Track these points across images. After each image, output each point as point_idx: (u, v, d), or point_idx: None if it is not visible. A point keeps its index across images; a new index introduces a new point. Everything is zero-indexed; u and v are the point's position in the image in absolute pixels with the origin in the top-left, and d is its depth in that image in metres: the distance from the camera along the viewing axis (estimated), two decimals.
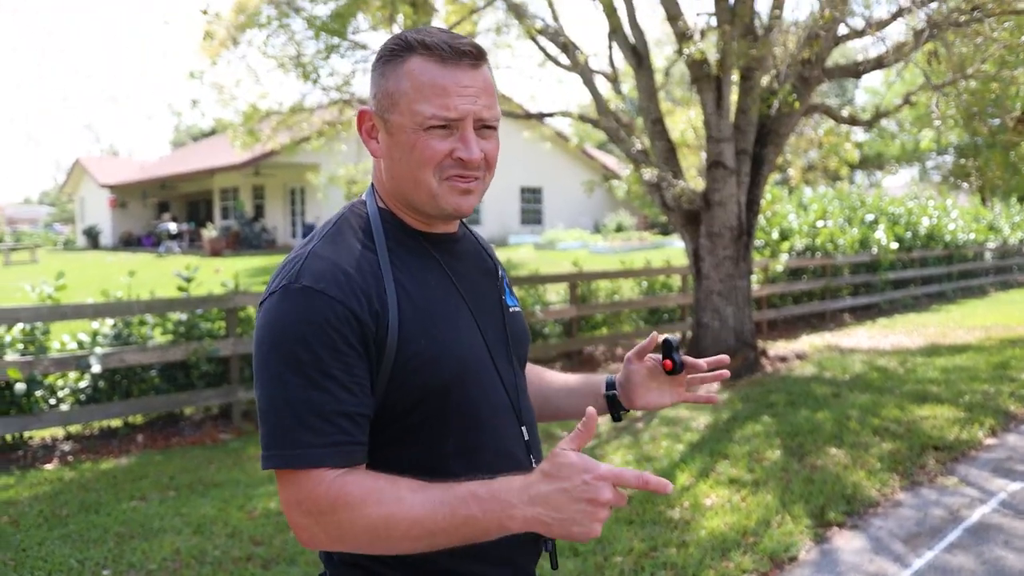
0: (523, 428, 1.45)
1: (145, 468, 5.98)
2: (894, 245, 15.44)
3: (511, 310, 1.54)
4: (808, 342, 10.97)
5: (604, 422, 6.86)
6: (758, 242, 13.19)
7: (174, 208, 34.83)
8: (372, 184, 1.47)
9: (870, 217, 16.60)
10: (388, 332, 1.28)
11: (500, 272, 1.57)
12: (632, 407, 1.65)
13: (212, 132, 34.03)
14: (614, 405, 1.66)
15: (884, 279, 15.10)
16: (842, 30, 7.92)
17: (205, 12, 9.45)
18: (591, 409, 1.19)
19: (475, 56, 1.34)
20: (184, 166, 30.28)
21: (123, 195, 34.45)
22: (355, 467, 1.26)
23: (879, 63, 7.93)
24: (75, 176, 39.49)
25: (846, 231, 14.99)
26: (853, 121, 9.83)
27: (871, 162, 34.96)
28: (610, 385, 1.67)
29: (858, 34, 7.81)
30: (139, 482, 5.60)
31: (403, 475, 1.26)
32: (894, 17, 7.28)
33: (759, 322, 11.93)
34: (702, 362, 1.56)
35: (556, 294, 10.99)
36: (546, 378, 1.77)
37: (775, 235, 13.46)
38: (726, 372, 1.61)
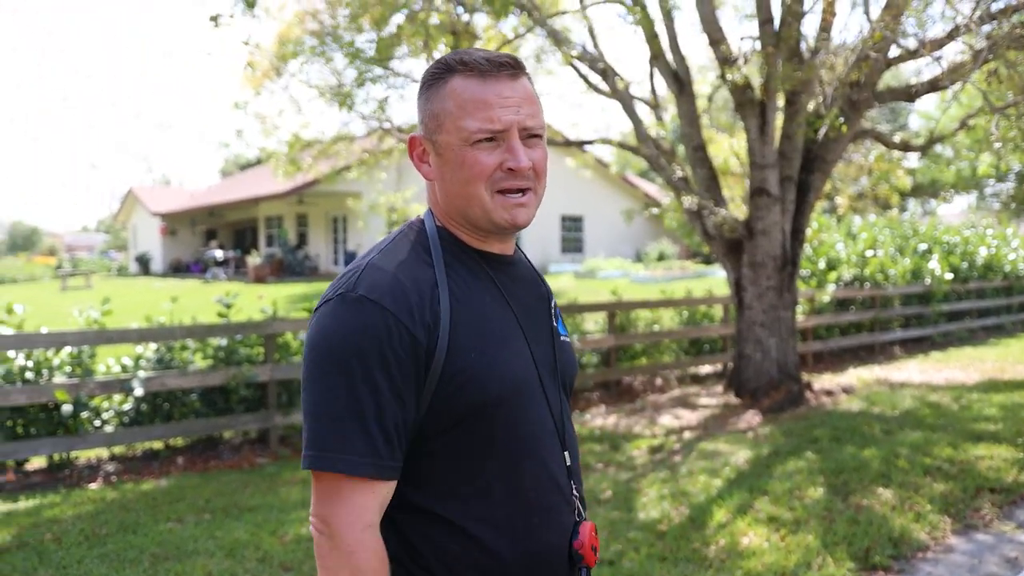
0: (566, 453, 1.45)
1: (183, 490, 6.02)
2: (948, 275, 14.98)
3: (561, 338, 1.55)
4: (856, 375, 10.71)
5: (641, 455, 6.74)
6: (804, 272, 12.97)
7: (221, 235, 35.42)
8: (429, 208, 1.50)
9: (923, 247, 16.17)
10: (438, 345, 1.30)
11: (552, 299, 1.59)
12: None
13: (258, 161, 34.59)
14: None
15: (937, 311, 14.65)
16: (894, 51, 7.66)
17: (247, 43, 9.62)
18: None
19: (513, 67, 1.38)
20: (231, 195, 30.82)
21: (173, 223, 35.16)
22: (385, 483, 1.29)
23: (934, 85, 7.65)
24: (128, 205, 40.45)
25: (897, 261, 14.61)
26: (905, 147, 9.54)
27: (925, 189, 34.14)
28: None
29: (911, 55, 7.48)
30: (176, 504, 5.63)
31: (446, 494, 1.34)
32: (950, 36, 6.97)
33: (804, 354, 11.70)
34: None
35: (594, 323, 10.90)
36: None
37: (822, 265, 13.20)
38: None
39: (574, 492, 1.45)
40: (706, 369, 11.28)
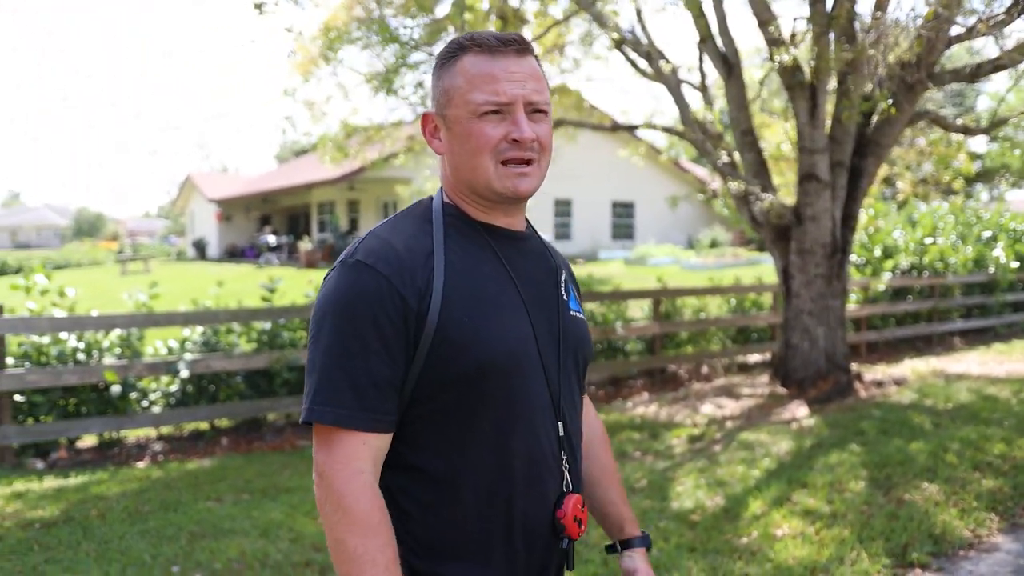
0: (560, 424, 1.48)
1: (225, 470, 6.13)
2: (1014, 264, 14.48)
3: (572, 314, 1.58)
4: (911, 367, 10.41)
5: (679, 444, 6.67)
6: (858, 260, 12.65)
7: (275, 221, 35.93)
8: (441, 186, 1.56)
9: (987, 234, 15.61)
10: (430, 310, 1.35)
11: (563, 275, 1.62)
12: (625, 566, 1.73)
13: (312, 148, 35.03)
14: (613, 550, 1.75)
15: (1001, 301, 14.12)
16: (955, 30, 7.26)
17: (289, 30, 9.70)
18: None
19: (520, 44, 1.44)
20: (284, 181, 31.21)
21: (228, 209, 35.76)
22: (381, 435, 1.36)
23: (997, 65, 7.24)
24: (186, 191, 41.25)
25: (959, 249, 14.10)
26: (965, 130, 9.06)
27: (994, 174, 32.84)
28: (622, 545, 1.73)
29: (968, 33, 7.04)
30: (217, 484, 5.74)
31: (436, 454, 1.39)
32: (1009, 13, 6.55)
33: (857, 344, 11.45)
34: None
35: (640, 310, 10.80)
36: (606, 459, 1.80)
37: (878, 252, 12.84)
38: None
39: (564, 464, 1.49)
40: (754, 358, 11.12)
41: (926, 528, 4.37)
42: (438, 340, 1.35)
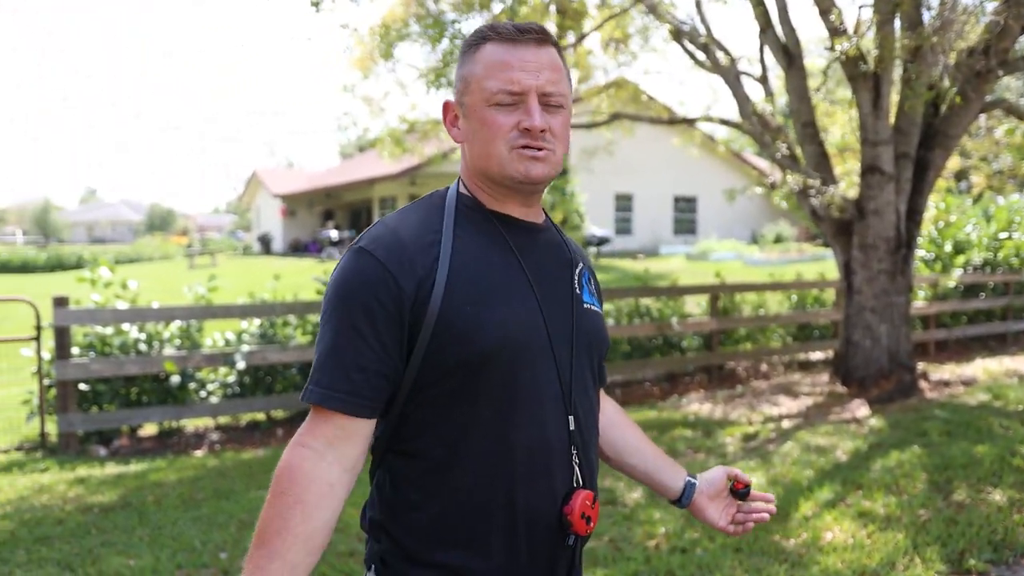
0: (570, 418, 1.46)
1: (277, 461, 6.19)
2: None
3: (586, 307, 1.56)
4: (982, 366, 10.04)
5: (733, 442, 6.55)
6: (927, 255, 12.26)
7: (338, 216, 36.43)
8: (459, 176, 1.57)
9: None
10: (431, 298, 1.35)
11: (580, 267, 1.60)
12: (695, 512, 1.76)
13: (372, 144, 35.45)
14: (682, 501, 1.75)
15: None
16: None
17: (345, 27, 9.79)
18: None
19: (538, 34, 1.44)
20: (347, 176, 31.60)
21: (292, 204, 36.37)
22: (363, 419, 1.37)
23: None
24: (252, 187, 42.09)
25: None
26: None
27: None
28: (686, 493, 1.74)
29: None
30: (269, 473, 5.71)
31: (437, 441, 1.39)
32: None
33: (925, 342, 11.10)
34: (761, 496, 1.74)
35: (698, 306, 10.64)
36: (631, 432, 1.80)
37: (948, 248, 12.42)
38: (766, 515, 1.74)
39: (575, 459, 1.46)
40: (816, 356, 10.87)
41: (986, 534, 4.19)
42: (440, 327, 1.35)
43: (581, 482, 1.47)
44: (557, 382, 1.44)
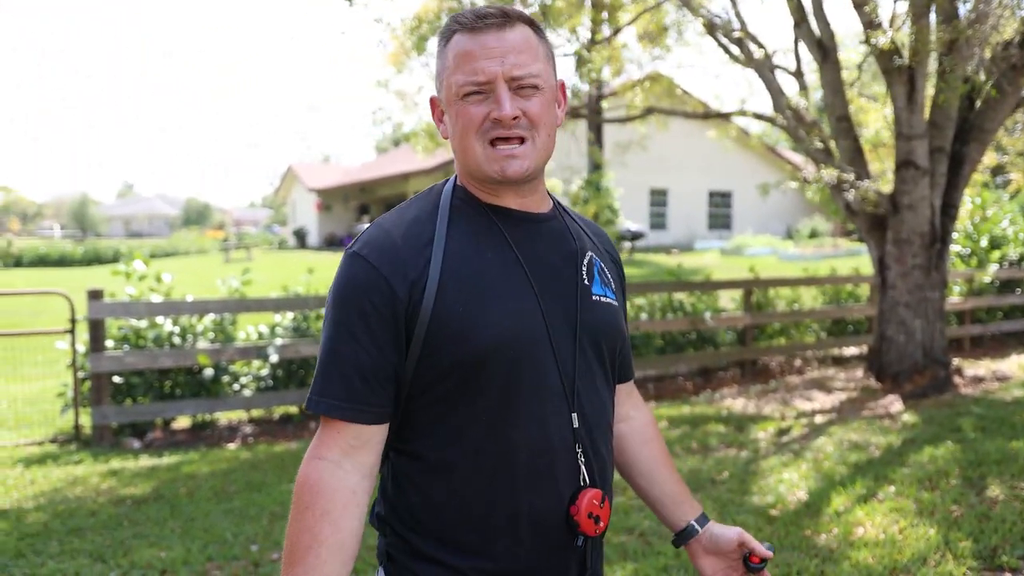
0: (574, 415, 1.41)
1: None
2: None
3: (595, 298, 1.49)
4: (1017, 362, 9.89)
5: (766, 437, 6.50)
6: (963, 250, 12.07)
7: (373, 210, 36.63)
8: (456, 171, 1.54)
9: None
10: (423, 299, 1.33)
11: (588, 256, 1.52)
12: (692, 558, 1.65)
13: (406, 138, 35.59)
14: (681, 539, 1.66)
15: None
16: None
17: (379, 21, 9.84)
18: None
19: (499, 17, 1.37)
20: (381, 171, 31.80)
21: (327, 198, 36.64)
22: (368, 429, 1.36)
23: None
24: (288, 181, 42.48)
25: None
26: None
27: None
28: (687, 533, 1.64)
29: None
30: None
31: (436, 442, 1.37)
32: None
33: (960, 338, 10.95)
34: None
35: (731, 301, 10.57)
36: (650, 450, 1.72)
37: (984, 243, 12.23)
38: None
39: (580, 457, 1.41)
40: (850, 351, 10.76)
41: (1019, 531, 4.11)
42: (433, 329, 1.34)
43: (588, 481, 1.42)
44: (559, 379, 1.40)
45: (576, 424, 1.41)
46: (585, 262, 1.51)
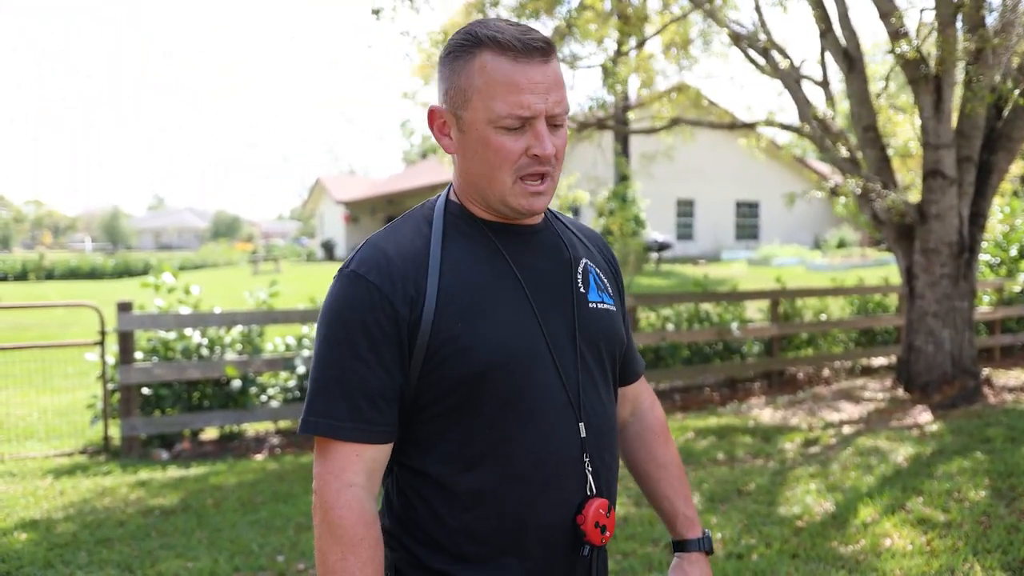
0: (581, 425, 1.41)
1: None
2: None
3: (593, 305, 1.49)
4: None
5: (792, 448, 6.45)
6: (993, 260, 11.93)
7: None
8: (450, 185, 1.51)
9: None
10: (423, 317, 1.33)
11: (583, 264, 1.52)
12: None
13: (433, 150, 35.76)
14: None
15: None
16: None
17: (406, 34, 9.92)
18: None
19: (545, 50, 1.33)
20: (408, 183, 31.98)
21: (355, 211, 36.89)
22: (374, 449, 1.35)
23: None
24: (316, 194, 42.83)
25: None
26: None
27: None
28: (676, 547, 1.66)
29: None
30: None
31: (441, 459, 1.37)
32: None
33: (991, 347, 10.81)
34: None
35: (759, 311, 10.51)
36: (657, 458, 1.71)
37: (1013, 252, 12.07)
38: None
39: (588, 467, 1.41)
40: (879, 361, 10.65)
41: None
42: (433, 347, 1.33)
43: (595, 490, 1.42)
44: (563, 390, 1.39)
45: (584, 434, 1.41)
46: (580, 270, 1.51)
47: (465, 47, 1.35)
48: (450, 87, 1.38)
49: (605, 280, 1.57)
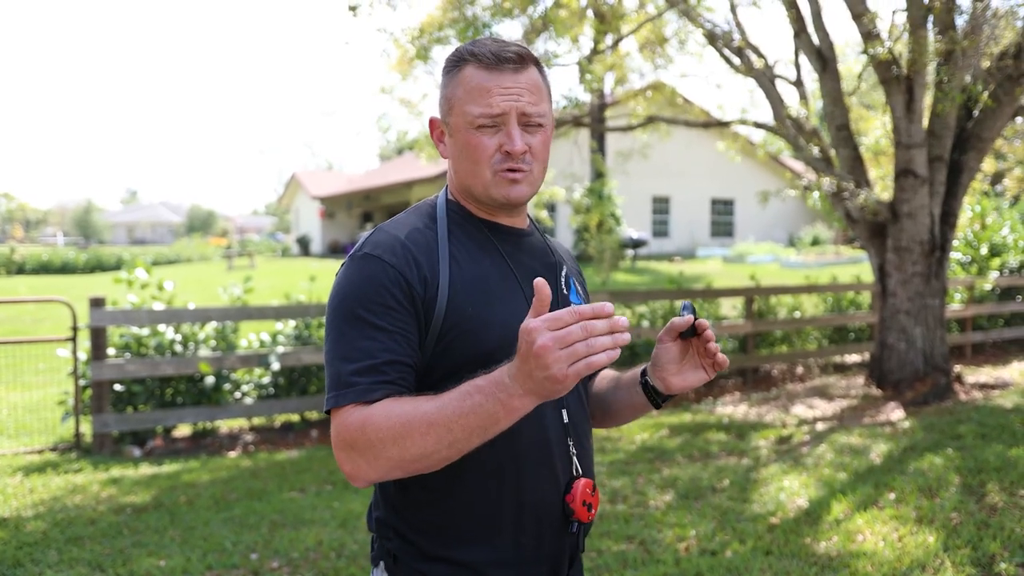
0: (563, 411, 1.53)
1: (311, 461, 6.28)
2: None
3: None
4: (1018, 369, 9.89)
5: (766, 445, 6.51)
6: (964, 258, 12.09)
7: (377, 218, 36.71)
8: (446, 185, 1.64)
9: None
10: (438, 297, 1.42)
11: (565, 268, 1.68)
12: (669, 390, 1.60)
13: (410, 146, 35.68)
14: (650, 392, 1.62)
15: None
16: None
17: (382, 31, 9.88)
18: (539, 280, 1.20)
19: (517, 62, 1.48)
20: (384, 179, 31.86)
21: (331, 206, 36.71)
22: None
23: None
24: (292, 189, 42.56)
25: None
26: None
27: None
28: (644, 372, 1.64)
29: None
30: (302, 474, 5.89)
31: None
32: None
33: (962, 345, 10.95)
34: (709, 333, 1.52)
35: (733, 308, 10.57)
36: (597, 379, 1.81)
37: (984, 250, 12.24)
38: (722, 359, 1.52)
39: (571, 450, 1.53)
40: (852, 359, 10.76)
41: (1018, 538, 4.12)
42: (446, 328, 1.41)
43: (580, 471, 1.54)
44: None
45: (566, 419, 1.54)
46: (563, 274, 1.67)
47: (454, 63, 1.51)
48: (442, 99, 1.55)
49: (580, 288, 1.73)
